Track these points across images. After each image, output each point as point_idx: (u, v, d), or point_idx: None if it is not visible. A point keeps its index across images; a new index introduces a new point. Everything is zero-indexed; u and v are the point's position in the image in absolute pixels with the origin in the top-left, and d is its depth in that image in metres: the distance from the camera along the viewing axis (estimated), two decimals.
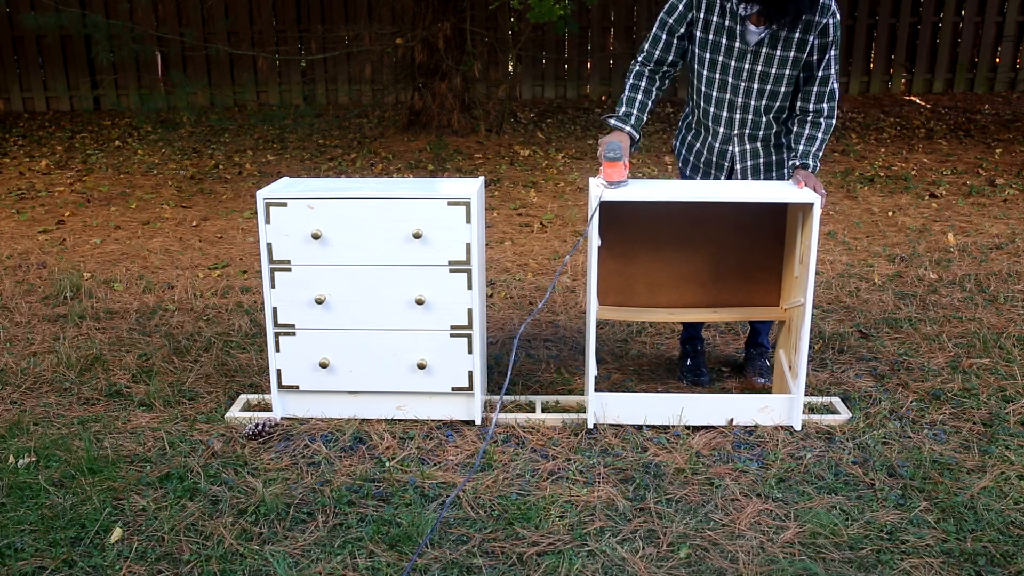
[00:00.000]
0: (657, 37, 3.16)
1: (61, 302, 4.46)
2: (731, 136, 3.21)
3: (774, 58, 3.05)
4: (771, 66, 3.07)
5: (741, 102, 3.14)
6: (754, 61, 3.07)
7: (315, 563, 2.39)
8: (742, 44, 3.05)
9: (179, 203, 6.57)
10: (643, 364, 3.69)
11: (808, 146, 3.11)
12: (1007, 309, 4.22)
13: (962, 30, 11.20)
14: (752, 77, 3.09)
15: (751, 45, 3.05)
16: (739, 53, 3.07)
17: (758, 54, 3.06)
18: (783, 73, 3.08)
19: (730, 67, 3.10)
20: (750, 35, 3.04)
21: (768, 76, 3.08)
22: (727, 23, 3.04)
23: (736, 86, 3.12)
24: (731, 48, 3.07)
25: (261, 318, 4.21)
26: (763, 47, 3.05)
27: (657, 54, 3.17)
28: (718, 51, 3.09)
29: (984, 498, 2.65)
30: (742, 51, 3.06)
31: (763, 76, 3.08)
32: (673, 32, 3.13)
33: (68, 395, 3.41)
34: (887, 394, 3.35)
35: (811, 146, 3.11)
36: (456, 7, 8.31)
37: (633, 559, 2.39)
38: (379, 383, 3.14)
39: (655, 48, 3.17)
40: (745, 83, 3.10)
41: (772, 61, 3.06)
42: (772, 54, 3.05)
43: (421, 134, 8.61)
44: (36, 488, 2.74)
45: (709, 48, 3.10)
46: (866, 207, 6.25)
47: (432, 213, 2.98)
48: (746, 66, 3.08)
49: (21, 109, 10.93)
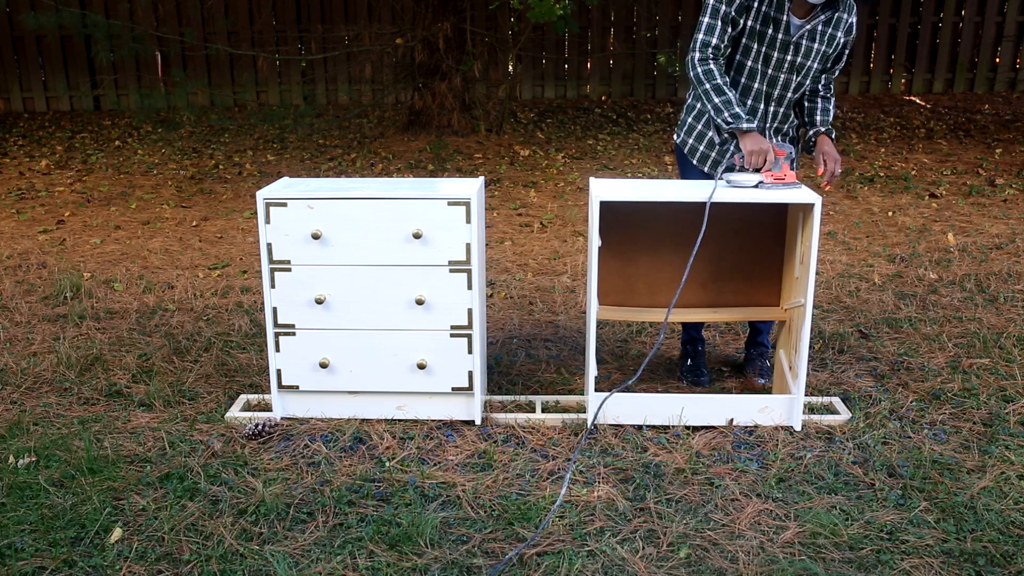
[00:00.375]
0: (712, 26, 3.09)
1: (61, 302, 4.46)
2: (764, 128, 3.25)
3: (811, 51, 3.13)
4: (808, 58, 3.14)
5: (778, 93, 3.20)
6: (795, 53, 3.12)
7: (315, 563, 2.39)
8: (785, 36, 3.09)
9: (179, 203, 6.57)
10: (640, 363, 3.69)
11: (825, 116, 3.32)
12: (1007, 309, 4.22)
13: (962, 30, 11.20)
14: (792, 69, 3.15)
15: (793, 37, 3.09)
16: (782, 44, 3.10)
17: (799, 46, 3.11)
18: (814, 66, 3.17)
19: (772, 58, 3.13)
20: (793, 27, 3.09)
21: (804, 68, 3.16)
22: (774, 13, 3.07)
23: (775, 77, 3.16)
24: (775, 39, 3.10)
25: (261, 318, 4.21)
26: (803, 40, 3.10)
27: (716, 43, 3.10)
28: (763, 41, 3.11)
29: (984, 498, 2.65)
30: (785, 42, 3.10)
31: (800, 68, 3.15)
32: (733, 22, 3.09)
33: (68, 395, 3.41)
34: (887, 394, 3.35)
35: (827, 116, 3.33)
36: (456, 7, 8.32)
37: (633, 559, 2.39)
38: (379, 383, 3.14)
39: (712, 36, 3.10)
40: (784, 74, 3.16)
41: (810, 53, 3.13)
42: (810, 47, 3.12)
43: (421, 134, 8.61)
44: (36, 488, 2.74)
45: (757, 37, 3.11)
46: (866, 207, 6.25)
47: (432, 213, 2.98)
48: (788, 57, 3.13)
49: (21, 109, 10.93)
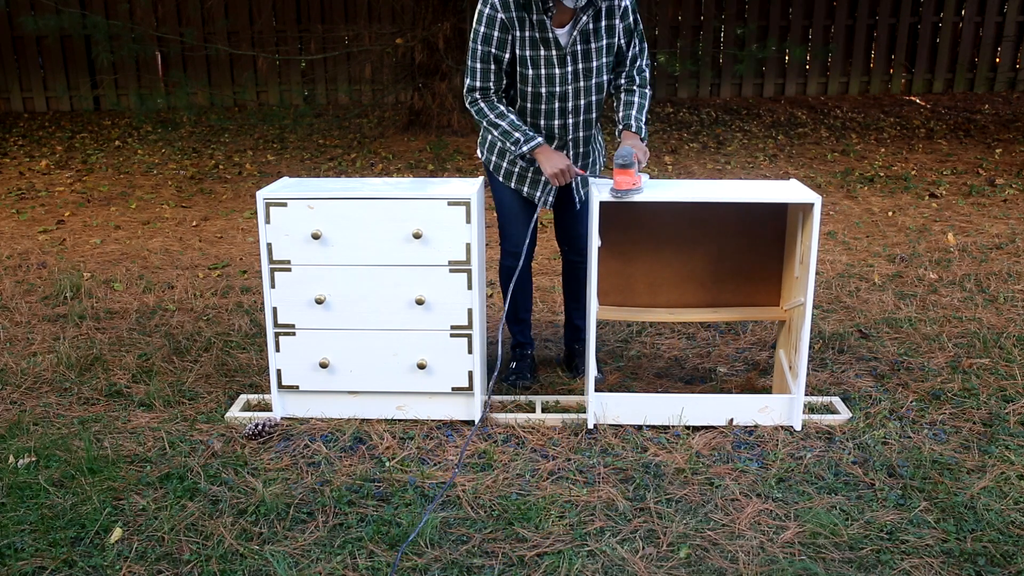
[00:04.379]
0: (475, 69, 3.11)
1: (61, 302, 4.46)
2: (567, 140, 3.23)
3: (591, 52, 3.10)
4: (590, 60, 3.12)
5: (573, 104, 3.17)
6: (575, 62, 3.10)
7: (315, 563, 2.39)
8: (559, 50, 3.07)
9: (179, 203, 6.57)
10: (643, 364, 3.69)
11: (628, 110, 3.22)
12: (1007, 309, 4.22)
13: (962, 30, 11.20)
14: (577, 77, 3.13)
15: (567, 48, 3.07)
16: (559, 59, 3.09)
17: (576, 54, 3.09)
18: (601, 63, 3.14)
19: (555, 75, 3.11)
20: (562, 38, 3.06)
21: (591, 71, 3.13)
22: (538, 35, 3.05)
23: (564, 92, 3.14)
24: (550, 58, 3.08)
25: (261, 318, 4.21)
26: (577, 45, 3.08)
27: (481, 85, 3.12)
28: (538, 65, 3.09)
29: (984, 498, 2.65)
30: (560, 56, 3.08)
31: (586, 72, 3.13)
32: (498, 59, 3.08)
33: (68, 395, 3.41)
34: (887, 394, 3.35)
35: (631, 109, 3.22)
36: (456, 7, 8.32)
37: (633, 559, 2.39)
38: (379, 383, 3.14)
39: (476, 80, 3.11)
40: (572, 84, 3.13)
41: (590, 55, 3.11)
42: (588, 48, 3.09)
43: (421, 134, 8.62)
44: (36, 488, 2.74)
45: (530, 64, 3.09)
46: (866, 207, 6.25)
47: (432, 213, 2.98)
48: (569, 68, 3.10)
49: (21, 109, 10.93)
